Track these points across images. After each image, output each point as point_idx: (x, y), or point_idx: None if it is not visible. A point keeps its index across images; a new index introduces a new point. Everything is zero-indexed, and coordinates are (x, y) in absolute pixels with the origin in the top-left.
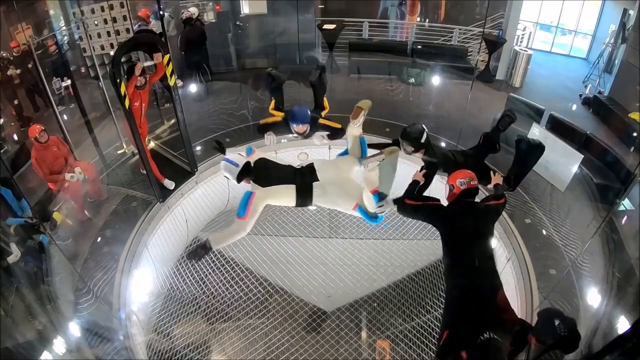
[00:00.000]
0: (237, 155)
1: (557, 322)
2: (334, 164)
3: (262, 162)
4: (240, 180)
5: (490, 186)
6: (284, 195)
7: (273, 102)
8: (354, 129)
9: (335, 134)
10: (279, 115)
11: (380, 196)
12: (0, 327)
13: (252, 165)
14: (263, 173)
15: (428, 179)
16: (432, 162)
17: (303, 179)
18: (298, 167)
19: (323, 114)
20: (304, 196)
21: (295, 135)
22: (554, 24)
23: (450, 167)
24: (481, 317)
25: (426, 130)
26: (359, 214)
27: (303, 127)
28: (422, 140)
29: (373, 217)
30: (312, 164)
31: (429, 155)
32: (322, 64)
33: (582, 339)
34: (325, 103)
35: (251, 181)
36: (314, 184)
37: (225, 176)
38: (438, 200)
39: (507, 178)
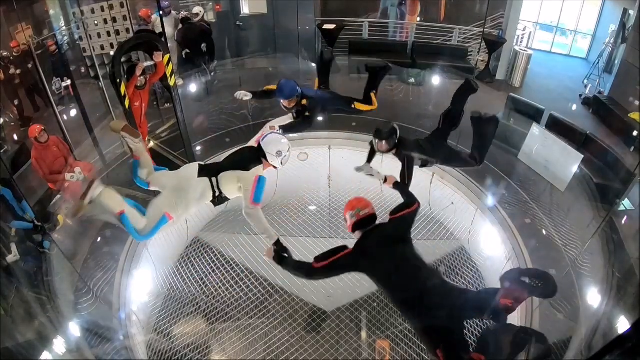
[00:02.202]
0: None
1: (527, 280)
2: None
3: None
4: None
5: (388, 186)
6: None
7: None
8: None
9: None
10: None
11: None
12: (0, 327)
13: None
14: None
15: (409, 173)
16: (409, 156)
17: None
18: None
19: (361, 106)
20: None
21: (286, 109)
22: (554, 24)
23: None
24: (455, 319)
25: (398, 129)
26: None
27: (288, 102)
28: (395, 139)
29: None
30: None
31: (405, 150)
32: (388, 64)
33: (582, 339)
34: (373, 100)
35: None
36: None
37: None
38: (345, 247)
39: (472, 155)
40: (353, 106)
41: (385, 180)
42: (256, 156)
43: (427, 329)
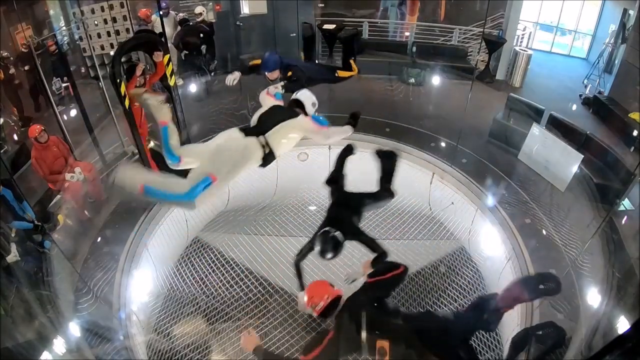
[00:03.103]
0: None
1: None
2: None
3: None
4: None
5: (364, 276)
6: None
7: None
8: None
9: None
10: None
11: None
12: (0, 327)
13: None
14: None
15: (370, 243)
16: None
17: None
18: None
19: (343, 73)
20: None
21: (270, 81)
22: (554, 24)
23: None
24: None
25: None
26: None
27: (272, 74)
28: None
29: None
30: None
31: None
32: (359, 30)
33: (582, 339)
34: (353, 66)
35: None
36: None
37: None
38: (327, 334)
39: (382, 189)
40: (337, 74)
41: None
42: (293, 110)
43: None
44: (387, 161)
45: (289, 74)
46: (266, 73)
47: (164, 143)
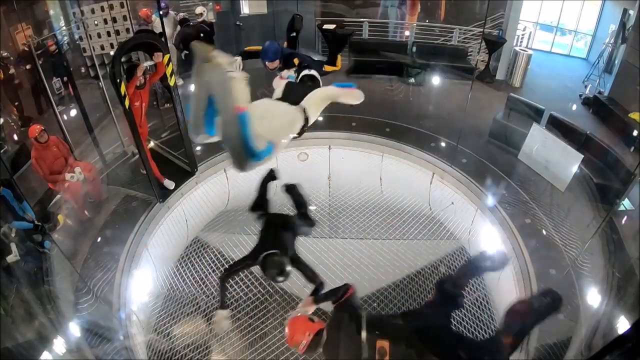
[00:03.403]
0: None
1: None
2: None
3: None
4: None
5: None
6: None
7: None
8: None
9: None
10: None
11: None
12: (0, 327)
13: None
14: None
15: (308, 272)
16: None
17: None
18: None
19: (328, 68)
20: None
21: (270, 71)
22: (554, 24)
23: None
24: None
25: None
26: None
27: (273, 64)
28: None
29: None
30: None
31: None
32: (350, 32)
33: (582, 339)
34: (338, 61)
35: None
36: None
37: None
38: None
39: (301, 218)
40: (323, 69)
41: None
42: (313, 82)
43: None
44: (295, 192)
45: (296, 60)
46: (266, 62)
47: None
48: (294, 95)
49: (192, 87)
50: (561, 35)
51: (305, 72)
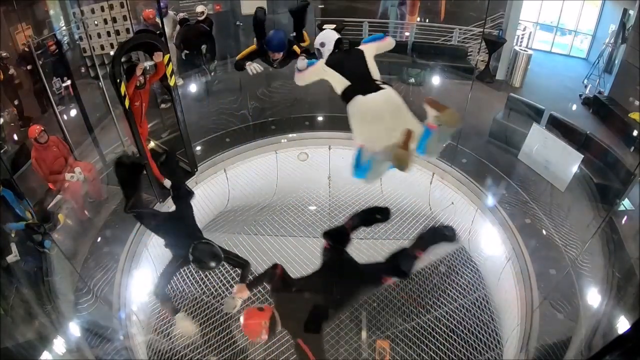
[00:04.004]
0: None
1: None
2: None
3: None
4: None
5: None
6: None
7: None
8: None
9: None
10: (252, 47)
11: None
12: (0, 327)
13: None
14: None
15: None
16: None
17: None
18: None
19: (297, 48)
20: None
21: (273, 61)
22: (554, 24)
23: None
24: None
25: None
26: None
27: (279, 55)
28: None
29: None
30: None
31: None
32: (306, 3)
33: (582, 339)
34: (305, 36)
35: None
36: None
37: (321, 43)
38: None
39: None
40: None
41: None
42: (352, 49)
43: None
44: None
45: (296, 48)
46: (270, 52)
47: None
48: (358, 71)
49: (192, 88)
50: (561, 35)
51: (329, 38)
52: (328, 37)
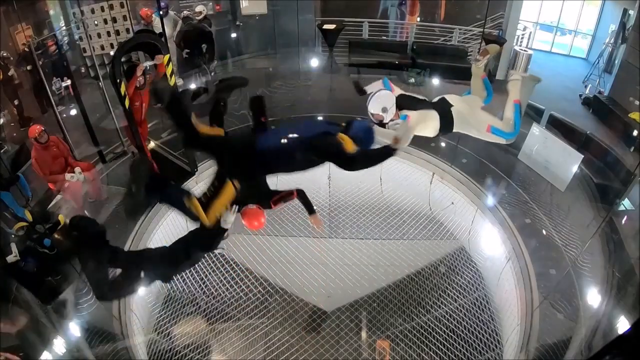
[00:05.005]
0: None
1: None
2: (463, 99)
3: (406, 95)
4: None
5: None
6: (430, 119)
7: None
8: (478, 69)
9: None
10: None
11: (520, 107)
12: (0, 327)
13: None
14: (409, 100)
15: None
16: None
17: (442, 106)
18: (432, 101)
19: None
20: (446, 120)
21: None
22: (554, 24)
23: None
24: None
25: None
26: (494, 134)
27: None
28: None
29: (509, 130)
30: (444, 97)
31: None
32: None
33: (582, 339)
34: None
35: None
36: (451, 109)
37: (381, 109)
38: None
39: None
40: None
41: None
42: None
43: None
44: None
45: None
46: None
47: (518, 118)
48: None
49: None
50: (561, 35)
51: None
52: (386, 99)
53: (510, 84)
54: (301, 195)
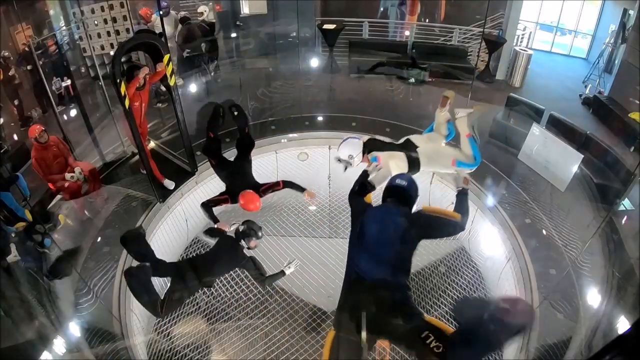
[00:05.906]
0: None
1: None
2: (427, 137)
3: (374, 139)
4: (363, 154)
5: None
6: (398, 159)
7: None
8: (441, 115)
9: None
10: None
11: (474, 139)
12: (0, 327)
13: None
14: (379, 144)
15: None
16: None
17: (408, 148)
18: (398, 143)
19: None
20: (413, 162)
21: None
22: (554, 24)
23: None
24: None
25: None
26: (459, 166)
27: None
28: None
29: (471, 162)
30: (409, 138)
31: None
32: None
33: (582, 339)
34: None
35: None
36: (417, 150)
37: (347, 156)
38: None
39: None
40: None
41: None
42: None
43: None
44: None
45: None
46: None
47: (475, 150)
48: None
49: (192, 88)
50: (561, 35)
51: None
52: (353, 146)
53: (458, 122)
54: (287, 184)
